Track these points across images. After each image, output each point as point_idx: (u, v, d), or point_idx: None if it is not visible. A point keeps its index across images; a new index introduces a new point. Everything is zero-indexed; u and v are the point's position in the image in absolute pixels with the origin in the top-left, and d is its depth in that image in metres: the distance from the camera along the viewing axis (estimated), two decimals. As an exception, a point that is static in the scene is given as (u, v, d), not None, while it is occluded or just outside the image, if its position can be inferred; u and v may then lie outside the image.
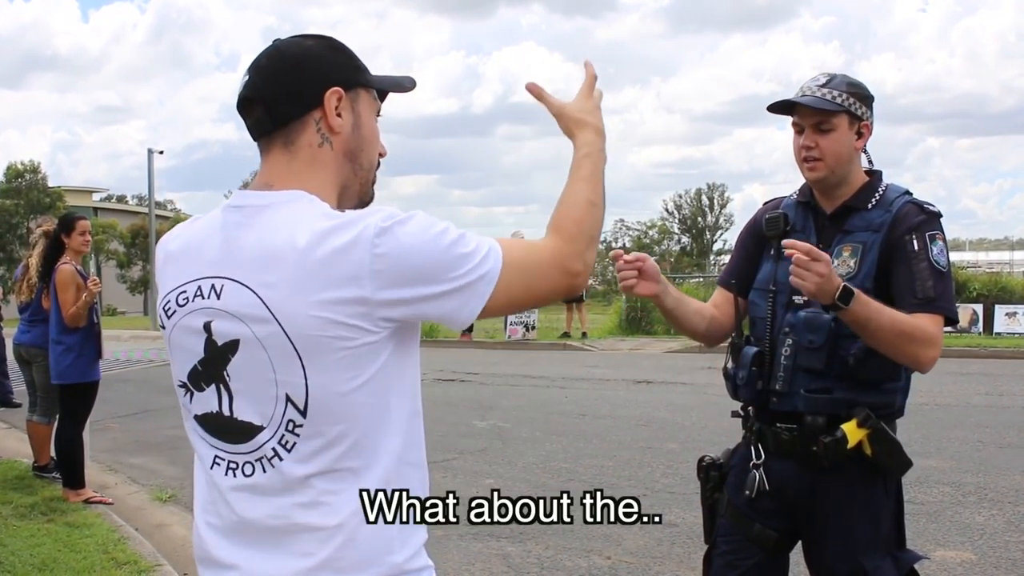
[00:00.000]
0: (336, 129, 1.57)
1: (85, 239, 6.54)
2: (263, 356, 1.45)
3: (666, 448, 7.87)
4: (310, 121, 1.56)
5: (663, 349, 16.81)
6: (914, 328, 2.47)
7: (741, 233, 2.94)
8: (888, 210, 2.60)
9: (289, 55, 1.57)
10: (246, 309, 1.45)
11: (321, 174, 1.57)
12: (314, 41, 1.60)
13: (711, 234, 70.86)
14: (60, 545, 5.23)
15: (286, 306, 1.42)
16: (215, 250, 1.52)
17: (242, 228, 1.51)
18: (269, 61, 1.58)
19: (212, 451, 1.56)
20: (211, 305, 1.50)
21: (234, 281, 1.48)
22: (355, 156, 1.61)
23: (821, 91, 2.60)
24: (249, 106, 1.58)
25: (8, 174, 51.88)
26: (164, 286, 1.60)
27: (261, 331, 1.44)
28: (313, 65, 1.57)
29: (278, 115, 1.55)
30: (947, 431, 8.19)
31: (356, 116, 1.60)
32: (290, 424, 1.46)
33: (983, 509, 5.86)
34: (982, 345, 15.50)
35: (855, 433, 2.52)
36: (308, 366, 1.43)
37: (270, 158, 1.58)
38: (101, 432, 8.82)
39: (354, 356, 1.43)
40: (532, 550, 5.22)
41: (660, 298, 2.71)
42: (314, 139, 1.56)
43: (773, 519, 2.70)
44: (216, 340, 1.50)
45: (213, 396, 1.53)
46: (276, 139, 1.57)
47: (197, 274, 1.54)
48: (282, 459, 1.47)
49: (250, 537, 1.52)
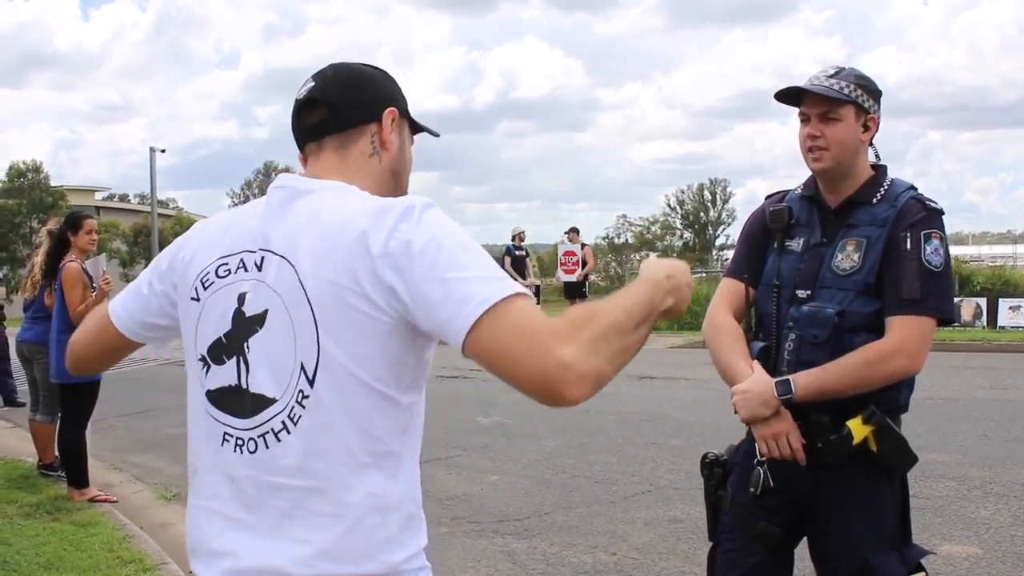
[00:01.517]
0: (388, 145, 1.69)
1: (91, 238, 6.54)
2: (287, 323, 1.50)
3: (670, 444, 7.87)
4: (367, 132, 1.67)
5: (667, 344, 16.80)
6: (867, 357, 2.50)
7: (745, 225, 2.93)
8: (893, 205, 2.60)
9: (355, 71, 1.70)
10: (283, 282, 1.51)
11: (367, 182, 1.64)
12: (373, 68, 1.74)
13: (714, 229, 70.76)
14: (65, 544, 5.23)
15: (312, 273, 1.47)
16: (258, 226, 1.58)
17: (284, 205, 1.58)
18: (335, 73, 1.69)
19: (221, 428, 1.58)
20: (252, 277, 1.56)
21: (274, 254, 1.53)
22: (398, 174, 1.72)
23: (829, 81, 2.60)
24: (311, 108, 1.66)
25: (10, 173, 51.98)
26: (202, 258, 1.64)
27: (289, 299, 1.49)
28: (377, 83, 1.70)
29: (340, 118, 1.65)
30: (952, 425, 8.18)
31: (403, 139, 1.73)
32: (299, 395, 1.49)
33: (989, 503, 5.85)
34: (986, 339, 15.50)
35: (860, 430, 2.52)
36: (321, 330, 1.47)
37: (321, 157, 1.66)
38: (105, 431, 8.83)
39: (366, 337, 1.46)
40: (537, 547, 5.22)
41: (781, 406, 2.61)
42: (367, 148, 1.67)
43: (777, 516, 2.70)
44: (245, 312, 1.55)
45: (232, 369, 1.56)
46: (330, 142, 1.66)
47: (239, 247, 1.60)
48: (289, 432, 1.49)
49: (250, 520, 1.53)
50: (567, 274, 18.27)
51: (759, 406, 2.58)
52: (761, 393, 2.58)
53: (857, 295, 2.57)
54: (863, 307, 2.56)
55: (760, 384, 2.59)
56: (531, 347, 1.35)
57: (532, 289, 18.28)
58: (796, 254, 2.71)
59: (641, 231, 69.37)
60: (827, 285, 2.61)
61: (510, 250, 18.76)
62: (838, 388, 2.51)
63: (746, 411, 2.61)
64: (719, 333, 2.79)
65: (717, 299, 2.88)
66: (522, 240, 18.89)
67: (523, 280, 18.05)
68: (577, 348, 1.35)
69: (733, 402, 2.65)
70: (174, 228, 54.50)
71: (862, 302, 2.56)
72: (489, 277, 1.42)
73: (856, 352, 2.52)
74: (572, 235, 19.14)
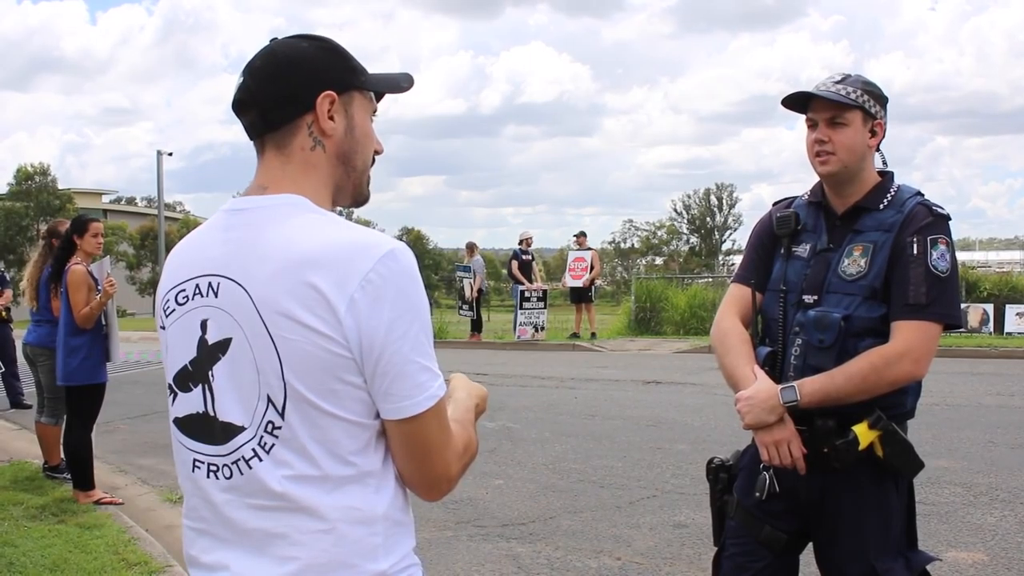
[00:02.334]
0: (328, 132, 1.58)
1: (97, 241, 6.57)
2: (250, 355, 1.47)
3: (676, 449, 7.85)
4: (302, 125, 1.57)
5: (672, 349, 16.78)
6: (872, 362, 2.50)
7: (753, 232, 2.93)
8: (900, 210, 2.61)
9: (282, 57, 1.58)
10: (238, 307, 1.48)
11: (314, 177, 1.58)
12: (309, 42, 1.60)
13: (720, 234, 70.83)
14: (71, 546, 5.24)
15: (270, 306, 1.44)
16: (214, 250, 1.55)
17: (238, 230, 1.53)
18: (263, 63, 1.58)
19: (191, 455, 1.57)
20: (209, 303, 1.52)
21: (229, 279, 1.50)
22: (348, 158, 1.62)
23: (836, 87, 2.62)
24: (244, 109, 1.60)
25: (18, 176, 52.14)
26: (164, 285, 1.62)
27: (249, 330, 1.47)
28: (306, 68, 1.57)
29: (270, 119, 1.57)
30: (958, 431, 8.16)
31: (349, 119, 1.61)
32: (269, 425, 1.47)
33: (995, 510, 5.83)
34: (993, 345, 15.42)
35: (866, 435, 2.51)
36: (286, 368, 1.45)
37: (265, 160, 1.60)
38: (110, 433, 8.85)
39: (329, 364, 1.44)
40: (542, 551, 5.21)
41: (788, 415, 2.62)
42: (306, 142, 1.57)
43: (783, 521, 2.70)
44: (208, 339, 1.52)
45: (199, 396, 1.54)
46: (269, 142, 1.58)
47: (197, 272, 1.56)
48: (261, 460, 1.48)
49: (234, 540, 1.52)
50: (574, 279, 18.27)
51: (764, 413, 2.58)
52: (766, 400, 2.58)
53: (863, 300, 2.57)
54: (869, 312, 2.56)
55: (764, 391, 2.60)
56: (441, 458, 1.53)
57: (539, 293, 18.31)
58: (803, 259, 2.72)
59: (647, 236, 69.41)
60: (833, 290, 2.61)
61: (517, 255, 18.78)
62: (843, 393, 2.51)
63: (751, 417, 2.61)
64: (726, 337, 2.79)
65: (725, 304, 2.88)
66: (529, 245, 18.91)
67: (530, 284, 18.08)
68: (459, 468, 1.57)
69: (737, 408, 2.65)
70: (181, 231, 54.62)
71: (868, 307, 2.56)
72: (435, 371, 1.50)
73: (861, 357, 2.52)
74: (581, 239, 19.14)
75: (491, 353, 17.06)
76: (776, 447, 2.58)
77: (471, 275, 18.54)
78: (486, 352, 17.21)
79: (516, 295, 18.51)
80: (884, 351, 2.51)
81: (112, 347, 6.47)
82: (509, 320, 20.58)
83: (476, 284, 18.55)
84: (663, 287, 20.89)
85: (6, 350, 10.59)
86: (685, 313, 19.49)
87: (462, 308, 18.77)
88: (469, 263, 18.95)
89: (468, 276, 18.65)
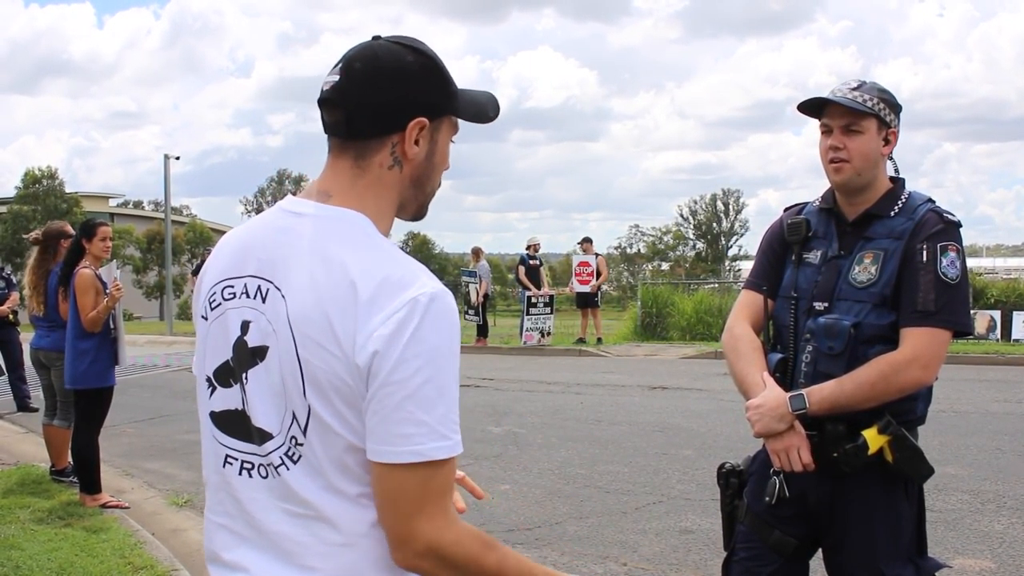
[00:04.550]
0: (411, 157, 1.55)
1: (106, 245, 6.58)
2: (279, 368, 1.47)
3: (682, 454, 7.84)
4: (387, 143, 1.54)
5: (678, 355, 16.76)
6: (881, 369, 2.50)
7: (764, 237, 2.93)
8: (911, 218, 2.61)
9: (386, 68, 1.52)
10: (278, 319, 1.47)
11: (384, 195, 1.56)
12: (414, 56, 1.55)
13: (726, 240, 70.79)
14: (77, 549, 5.25)
15: (302, 325, 1.43)
16: (265, 251, 1.53)
17: (292, 235, 1.51)
18: (364, 67, 1.53)
19: (224, 450, 1.56)
20: (256, 306, 1.51)
21: (276, 288, 1.49)
22: (421, 182, 1.60)
23: (852, 94, 2.62)
24: (331, 107, 1.55)
25: (25, 180, 52.32)
26: (212, 276, 1.60)
27: (283, 344, 1.46)
28: (406, 87, 1.53)
29: (358, 127, 1.53)
30: (965, 438, 8.13)
31: (432, 144, 1.58)
32: (294, 440, 1.47)
33: (1002, 517, 5.82)
34: (1000, 352, 15.39)
35: (876, 439, 2.51)
36: (309, 391, 1.44)
37: (337, 166, 1.56)
38: (117, 437, 8.86)
39: (346, 393, 1.43)
40: (548, 556, 5.21)
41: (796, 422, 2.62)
42: (386, 160, 1.54)
43: (793, 526, 2.69)
44: (247, 341, 1.51)
45: (237, 394, 1.53)
46: (349, 149, 1.55)
47: (247, 271, 1.54)
48: (288, 469, 1.48)
49: (259, 541, 1.52)
50: (581, 284, 18.27)
51: (774, 421, 2.58)
52: (775, 408, 2.58)
53: (873, 307, 2.57)
54: (879, 319, 2.56)
55: (774, 399, 2.59)
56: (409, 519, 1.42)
57: (546, 299, 18.31)
58: (814, 266, 2.71)
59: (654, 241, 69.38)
60: (844, 297, 2.61)
61: (524, 260, 18.79)
62: (853, 401, 2.51)
63: (761, 426, 2.60)
64: (738, 343, 2.79)
65: (736, 310, 2.88)
66: (536, 250, 18.93)
67: (537, 290, 18.08)
68: (446, 544, 1.43)
69: (747, 416, 2.65)
70: (187, 235, 54.82)
71: (878, 314, 2.56)
72: (437, 431, 1.41)
73: (870, 364, 2.51)
74: (586, 245, 19.15)
75: (497, 358, 17.07)
76: (786, 453, 2.58)
77: (477, 280, 18.56)
78: (492, 357, 17.22)
79: (523, 300, 18.52)
80: (893, 358, 2.50)
81: (120, 351, 6.49)
82: (515, 325, 20.56)
83: (482, 289, 18.57)
84: (669, 292, 20.89)
85: (13, 353, 10.61)
86: (691, 319, 19.48)
87: (468, 313, 18.78)
88: (475, 268, 18.98)
89: (474, 281, 18.67)
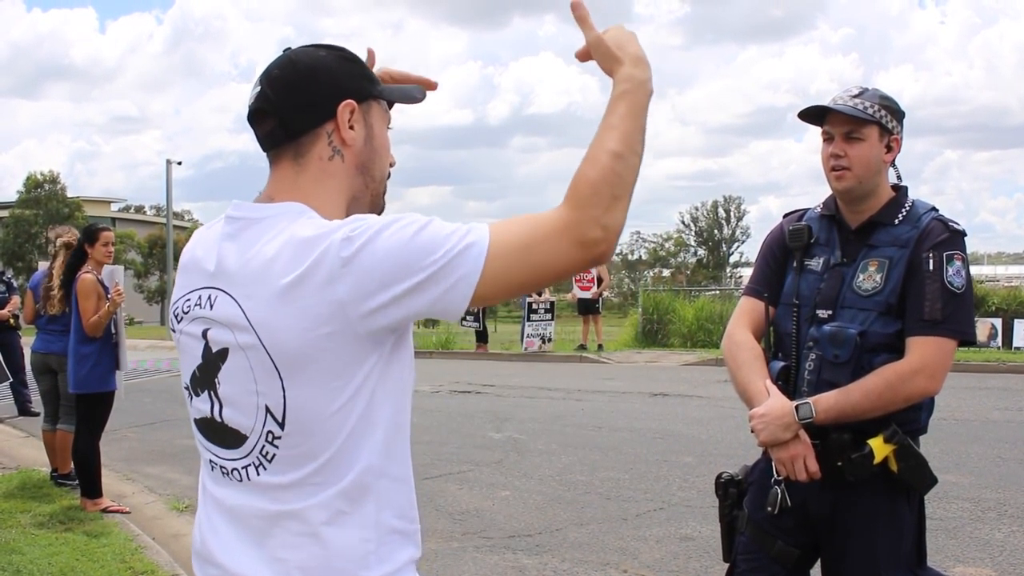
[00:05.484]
0: (348, 142, 1.56)
1: (108, 250, 6.60)
2: (246, 367, 1.48)
3: (682, 461, 7.83)
4: (322, 134, 1.55)
5: (679, 362, 16.75)
6: (887, 378, 2.50)
7: (764, 243, 2.92)
8: (916, 226, 2.60)
9: (302, 66, 1.55)
10: (232, 321, 1.48)
11: (329, 187, 1.56)
12: (326, 51, 1.59)
13: (727, 246, 70.76)
14: (78, 554, 5.25)
15: (265, 320, 1.44)
16: (212, 261, 1.55)
17: (233, 240, 1.53)
18: (281, 72, 1.56)
19: (207, 454, 1.60)
20: (206, 314, 1.53)
21: (224, 293, 1.50)
22: (367, 168, 1.60)
23: (854, 101, 2.62)
24: (261, 118, 1.57)
25: (27, 184, 52.37)
26: (175, 292, 1.64)
27: (244, 343, 1.47)
28: (326, 76, 1.55)
29: (291, 128, 1.55)
30: (966, 446, 8.12)
31: (368, 128, 1.60)
32: (269, 435, 1.49)
33: (1003, 525, 5.81)
34: (1001, 360, 15.35)
35: (882, 449, 2.51)
36: (286, 380, 1.45)
37: (279, 170, 1.58)
38: (118, 441, 8.86)
39: (333, 372, 1.44)
40: (548, 563, 5.20)
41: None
42: (325, 152, 1.56)
43: (794, 536, 2.69)
44: (211, 347, 1.54)
45: (207, 402, 1.56)
46: (287, 151, 1.56)
47: (198, 283, 1.57)
48: (265, 468, 1.50)
49: (236, 538, 1.55)
50: (583, 291, 18.26)
51: (779, 430, 2.57)
52: (781, 417, 2.57)
53: (878, 315, 2.56)
54: (884, 328, 2.56)
55: (779, 408, 2.58)
56: (553, 255, 1.42)
57: (547, 305, 18.30)
58: (816, 273, 2.71)
59: (655, 248, 69.37)
60: (848, 305, 2.61)
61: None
62: (859, 410, 2.51)
63: (765, 435, 2.60)
64: (739, 351, 2.78)
65: (737, 317, 2.87)
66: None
67: (538, 296, 18.08)
68: (592, 221, 1.44)
69: (752, 426, 2.64)
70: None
71: (883, 323, 2.56)
72: (448, 242, 1.40)
73: (876, 373, 2.51)
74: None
75: (498, 364, 17.06)
76: (792, 462, 2.57)
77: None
78: (493, 363, 17.21)
79: (524, 306, 18.52)
80: (899, 367, 2.50)
81: (121, 355, 6.50)
82: (516, 331, 20.56)
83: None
84: (670, 299, 20.88)
85: (14, 357, 10.60)
86: (692, 325, 19.47)
87: (466, 319, 18.77)
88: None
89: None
